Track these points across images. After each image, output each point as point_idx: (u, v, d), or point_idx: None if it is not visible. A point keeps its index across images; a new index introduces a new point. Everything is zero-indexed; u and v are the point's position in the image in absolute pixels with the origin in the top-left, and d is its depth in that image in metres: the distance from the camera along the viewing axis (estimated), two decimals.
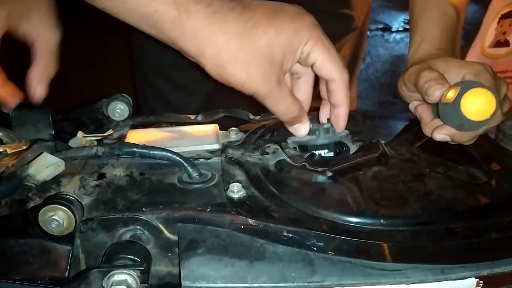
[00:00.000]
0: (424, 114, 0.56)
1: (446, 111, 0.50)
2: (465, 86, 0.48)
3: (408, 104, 0.61)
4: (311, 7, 0.91)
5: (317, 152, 0.52)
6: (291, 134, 0.54)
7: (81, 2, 0.42)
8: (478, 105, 0.48)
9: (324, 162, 0.49)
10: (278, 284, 0.38)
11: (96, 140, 0.55)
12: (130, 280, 0.37)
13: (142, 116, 0.62)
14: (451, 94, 0.49)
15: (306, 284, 0.38)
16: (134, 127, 0.60)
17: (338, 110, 0.52)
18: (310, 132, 0.52)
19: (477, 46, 1.20)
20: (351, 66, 0.99)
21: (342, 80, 0.50)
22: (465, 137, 0.53)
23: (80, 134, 0.54)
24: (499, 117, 0.52)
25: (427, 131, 0.55)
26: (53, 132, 0.55)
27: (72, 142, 0.55)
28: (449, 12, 0.64)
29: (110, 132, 0.57)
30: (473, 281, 0.40)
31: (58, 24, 0.55)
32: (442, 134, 0.53)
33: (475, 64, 0.54)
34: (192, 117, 0.63)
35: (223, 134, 0.56)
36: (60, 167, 0.46)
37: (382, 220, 0.41)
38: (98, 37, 3.02)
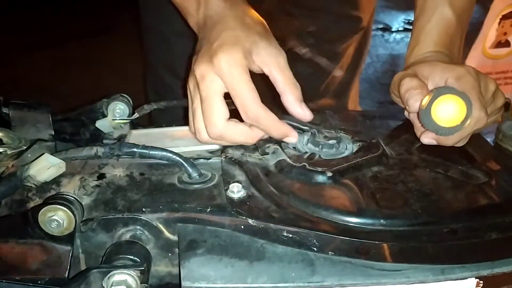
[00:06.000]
0: (416, 119, 0.56)
1: (422, 118, 0.51)
2: (436, 93, 0.49)
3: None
4: (322, 9, 0.92)
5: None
6: None
7: None
8: (446, 112, 0.49)
9: (324, 162, 0.49)
10: (278, 285, 0.38)
11: (125, 123, 0.58)
12: (130, 280, 0.37)
13: (165, 101, 0.63)
14: (425, 101, 0.50)
15: (306, 284, 0.38)
16: (135, 126, 0.60)
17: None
18: (314, 143, 0.52)
19: (478, 47, 1.20)
20: (354, 65, 1.00)
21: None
22: (450, 141, 0.53)
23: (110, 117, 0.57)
24: (483, 119, 0.51)
25: (418, 135, 0.56)
26: (53, 132, 0.55)
27: (100, 123, 0.57)
28: (447, 15, 0.64)
29: (136, 115, 0.59)
30: (473, 281, 0.40)
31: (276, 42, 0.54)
32: (428, 138, 0.54)
33: (458, 68, 0.55)
34: None
35: None
36: (61, 168, 0.46)
37: (382, 220, 0.41)
38: (98, 37, 3.03)
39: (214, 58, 0.49)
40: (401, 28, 3.47)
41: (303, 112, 0.52)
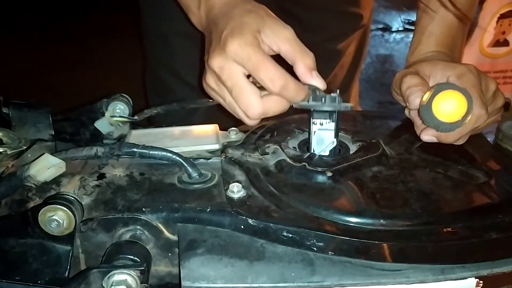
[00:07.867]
0: (416, 117, 0.56)
1: (422, 114, 0.51)
2: (437, 89, 0.49)
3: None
4: (323, 6, 0.92)
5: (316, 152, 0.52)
6: (291, 135, 0.54)
7: None
8: (447, 107, 0.49)
9: (324, 162, 0.49)
10: (278, 284, 0.38)
11: (123, 122, 0.58)
12: (130, 280, 0.37)
13: (165, 104, 0.63)
14: (425, 97, 0.50)
15: (306, 284, 0.38)
16: (136, 125, 0.60)
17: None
18: (316, 98, 0.50)
19: (474, 44, 1.20)
20: (355, 63, 1.00)
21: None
22: (451, 138, 0.53)
23: (108, 114, 0.57)
24: (483, 116, 0.52)
25: (418, 133, 0.56)
26: (53, 132, 0.55)
27: (99, 123, 0.57)
28: (450, 15, 0.64)
29: (136, 118, 0.58)
30: (473, 281, 0.40)
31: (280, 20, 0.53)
32: (428, 135, 0.54)
33: (459, 66, 0.55)
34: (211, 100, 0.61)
35: (223, 134, 0.56)
36: (62, 168, 0.46)
37: (382, 220, 0.41)
38: (98, 37, 3.03)
39: (226, 47, 0.49)
40: (401, 28, 3.46)
41: (315, 82, 0.51)
